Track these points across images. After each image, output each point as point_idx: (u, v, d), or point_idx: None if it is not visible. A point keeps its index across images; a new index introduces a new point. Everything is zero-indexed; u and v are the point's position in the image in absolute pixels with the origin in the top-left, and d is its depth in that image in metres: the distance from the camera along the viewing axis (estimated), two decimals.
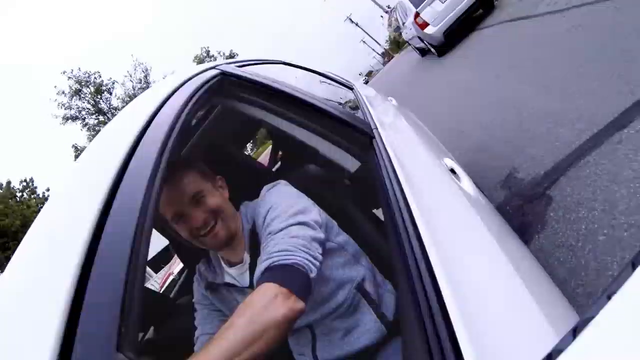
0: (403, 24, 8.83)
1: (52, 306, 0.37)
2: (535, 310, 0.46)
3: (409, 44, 9.96)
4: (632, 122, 1.57)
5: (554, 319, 0.46)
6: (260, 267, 0.68)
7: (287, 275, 0.65)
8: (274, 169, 1.82)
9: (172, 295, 1.53)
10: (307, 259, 0.68)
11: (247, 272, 0.84)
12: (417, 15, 6.84)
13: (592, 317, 0.22)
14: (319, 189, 0.96)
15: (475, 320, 0.40)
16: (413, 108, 2.53)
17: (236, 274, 0.87)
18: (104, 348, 0.35)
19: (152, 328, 1.25)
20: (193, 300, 0.92)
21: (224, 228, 0.81)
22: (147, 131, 0.61)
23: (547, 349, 0.24)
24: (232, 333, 0.55)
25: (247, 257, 0.85)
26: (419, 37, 7.48)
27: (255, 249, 0.82)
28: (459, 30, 6.51)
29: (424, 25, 6.78)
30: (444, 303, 0.42)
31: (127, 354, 0.35)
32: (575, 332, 0.23)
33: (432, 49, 7.35)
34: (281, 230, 0.73)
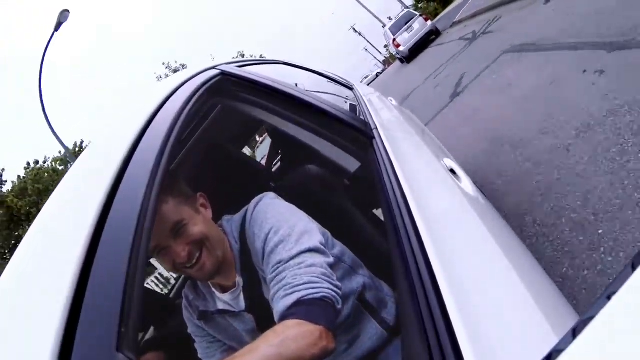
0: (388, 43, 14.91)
1: (52, 306, 0.37)
2: (535, 310, 0.46)
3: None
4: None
5: (554, 319, 0.46)
6: (285, 300, 0.64)
7: (320, 312, 0.62)
8: (273, 169, 1.82)
9: (172, 295, 1.53)
10: (332, 290, 0.65)
11: (242, 296, 0.79)
12: (394, 40, 12.48)
13: (592, 317, 0.22)
14: (318, 190, 0.96)
15: (475, 320, 0.40)
16: (390, 87, 8.93)
17: (230, 299, 0.81)
18: (104, 348, 0.35)
19: (152, 328, 1.25)
20: (188, 331, 0.86)
21: (211, 257, 0.74)
22: (147, 131, 0.61)
23: (547, 349, 0.24)
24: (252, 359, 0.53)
25: (239, 280, 0.79)
26: (397, 53, 13.25)
27: (247, 271, 0.78)
28: (418, 49, 11.55)
29: (398, 45, 12.32)
30: (443, 303, 0.42)
31: (127, 354, 0.35)
32: (575, 332, 0.23)
33: (404, 60, 12.78)
34: (292, 258, 0.69)
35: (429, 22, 11.80)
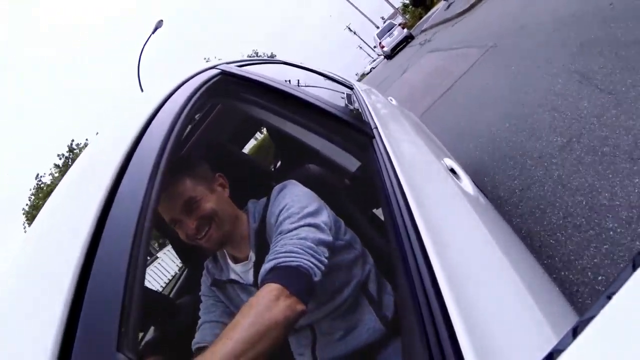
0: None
1: (52, 306, 0.37)
2: (535, 310, 0.46)
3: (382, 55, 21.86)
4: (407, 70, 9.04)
5: (554, 319, 0.46)
6: (266, 266, 0.69)
7: (292, 278, 0.65)
8: (274, 169, 1.82)
9: (172, 295, 1.53)
10: (312, 263, 0.68)
11: (252, 270, 0.85)
12: (380, 42, 17.77)
13: (592, 317, 0.22)
14: (319, 189, 0.96)
15: (475, 320, 0.40)
16: (379, 75, 15.55)
17: (241, 271, 0.87)
18: (104, 348, 0.35)
19: (152, 328, 1.25)
20: (200, 293, 0.93)
21: (218, 231, 0.81)
22: (148, 131, 0.61)
23: (547, 349, 0.24)
24: (237, 333, 0.56)
25: (252, 255, 0.85)
26: (383, 52, 18.66)
27: (261, 248, 0.83)
28: (397, 49, 16.54)
29: (383, 46, 17.58)
30: (443, 303, 0.42)
31: (127, 354, 0.35)
32: (575, 332, 0.23)
33: (387, 57, 17.92)
34: (291, 231, 0.74)
35: (405, 30, 17.33)
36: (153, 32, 8.96)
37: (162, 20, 8.95)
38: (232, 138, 1.60)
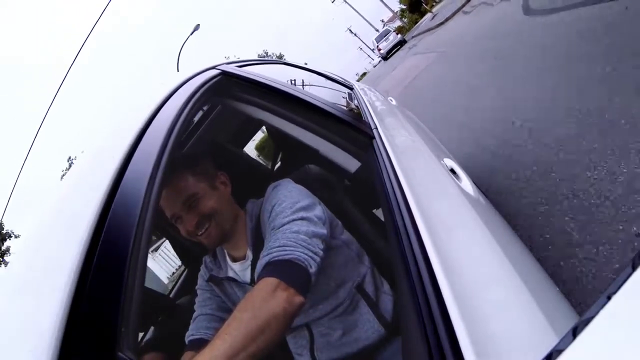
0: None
1: (52, 306, 0.37)
2: (535, 310, 0.46)
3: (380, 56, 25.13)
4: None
5: (554, 319, 0.46)
6: (261, 261, 0.69)
7: (287, 270, 0.65)
8: (273, 169, 1.81)
9: (172, 295, 1.53)
10: (306, 254, 0.68)
11: (249, 269, 0.85)
12: (377, 46, 21.51)
13: (592, 317, 0.22)
14: (319, 189, 0.96)
15: (475, 320, 0.40)
16: (377, 73, 20.54)
17: (238, 270, 0.87)
18: (104, 348, 0.35)
19: (152, 328, 1.25)
20: (196, 287, 0.93)
21: (217, 229, 0.82)
22: (148, 130, 0.61)
23: (547, 349, 0.24)
24: (236, 328, 0.56)
25: (249, 254, 0.85)
26: (380, 54, 21.99)
27: (258, 246, 0.83)
28: (392, 51, 19.81)
29: (380, 49, 21.31)
30: (443, 303, 0.42)
31: (127, 354, 0.35)
32: (575, 332, 0.23)
33: (384, 58, 20.93)
34: (283, 225, 0.74)
35: (399, 35, 20.67)
36: (191, 34, 10.55)
37: (199, 25, 10.52)
38: (232, 138, 1.60)
